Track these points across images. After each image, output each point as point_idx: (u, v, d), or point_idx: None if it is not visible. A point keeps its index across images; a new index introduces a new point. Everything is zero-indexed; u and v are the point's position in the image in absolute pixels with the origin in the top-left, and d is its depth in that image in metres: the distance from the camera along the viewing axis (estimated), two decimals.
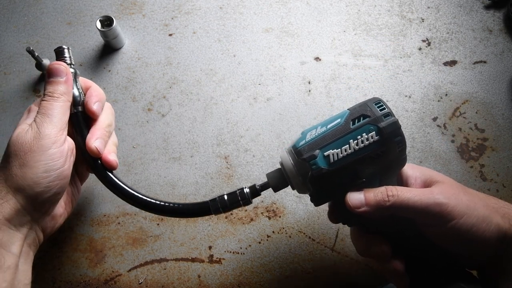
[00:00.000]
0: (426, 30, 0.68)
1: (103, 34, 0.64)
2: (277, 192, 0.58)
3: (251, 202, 0.46)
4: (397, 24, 0.68)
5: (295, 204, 0.58)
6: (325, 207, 0.57)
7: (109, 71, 0.67)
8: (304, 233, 0.56)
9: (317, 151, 0.41)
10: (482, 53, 0.66)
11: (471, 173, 0.59)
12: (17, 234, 0.42)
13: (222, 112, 0.64)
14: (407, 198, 0.39)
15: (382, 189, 0.41)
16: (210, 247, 0.56)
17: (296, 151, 0.42)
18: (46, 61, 0.65)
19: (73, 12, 0.71)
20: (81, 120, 0.48)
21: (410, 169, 0.44)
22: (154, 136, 0.62)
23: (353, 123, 0.41)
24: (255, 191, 0.46)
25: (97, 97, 0.49)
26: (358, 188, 0.42)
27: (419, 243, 0.42)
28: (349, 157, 0.40)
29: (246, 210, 0.58)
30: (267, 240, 0.56)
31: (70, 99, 0.47)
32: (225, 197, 0.45)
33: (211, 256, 0.56)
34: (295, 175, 0.43)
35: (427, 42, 0.67)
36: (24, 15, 0.72)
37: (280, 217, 0.57)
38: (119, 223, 0.57)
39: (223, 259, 0.56)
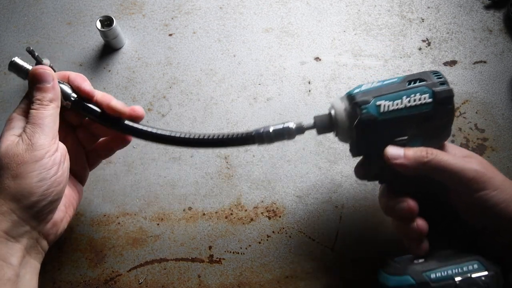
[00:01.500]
0: (426, 30, 0.68)
1: (103, 34, 0.64)
2: (277, 192, 0.58)
3: (294, 137, 0.47)
4: (397, 24, 0.68)
5: (295, 204, 0.58)
6: (325, 205, 0.58)
7: (109, 71, 0.67)
8: (304, 233, 0.56)
9: (371, 98, 0.43)
10: (482, 53, 0.66)
11: None
12: (16, 245, 0.41)
13: (222, 112, 0.64)
14: (445, 159, 0.41)
15: (422, 148, 0.43)
16: (210, 247, 0.56)
17: (350, 97, 0.45)
18: (46, 61, 0.65)
19: (73, 12, 0.71)
20: (83, 103, 0.47)
21: (450, 147, 0.46)
22: None
23: (409, 83, 0.43)
24: (300, 128, 0.47)
25: (82, 79, 0.48)
26: (399, 145, 0.44)
27: (446, 210, 0.43)
28: (399, 112, 0.42)
29: (246, 210, 0.58)
30: (267, 240, 0.56)
31: (59, 104, 0.45)
32: (271, 129, 0.46)
33: (211, 256, 0.56)
34: (343, 119, 0.45)
35: (427, 42, 0.67)
36: (24, 15, 0.72)
37: (280, 217, 0.57)
38: (119, 223, 0.57)
39: (223, 259, 0.56)
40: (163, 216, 0.58)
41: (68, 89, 0.47)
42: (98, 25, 0.63)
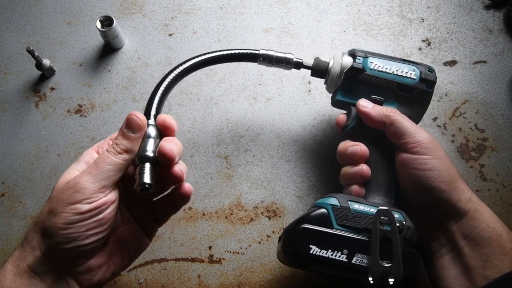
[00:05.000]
0: (426, 30, 0.68)
1: (103, 34, 0.64)
2: (277, 192, 0.58)
3: (290, 69, 0.54)
4: (397, 24, 0.68)
5: (295, 204, 0.58)
6: None
7: (109, 71, 0.67)
8: None
9: (368, 55, 0.51)
10: (482, 53, 0.66)
11: (471, 173, 0.59)
12: (39, 284, 0.39)
13: (222, 112, 0.64)
14: (404, 121, 0.47)
15: (390, 108, 0.49)
16: (210, 247, 0.56)
17: (351, 51, 0.52)
18: (46, 61, 0.65)
19: (73, 12, 0.71)
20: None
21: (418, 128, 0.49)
22: None
23: (404, 60, 0.52)
24: (299, 63, 0.54)
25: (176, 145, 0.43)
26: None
27: (389, 170, 0.48)
28: (386, 75, 0.50)
29: (246, 210, 0.58)
30: (267, 240, 0.56)
31: (133, 156, 0.42)
32: (274, 54, 0.53)
33: (211, 256, 0.56)
34: (336, 64, 0.51)
35: (427, 42, 0.67)
36: (24, 15, 0.72)
37: (280, 217, 0.57)
38: None
39: (223, 259, 0.56)
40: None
41: (150, 153, 0.42)
42: (98, 25, 0.63)
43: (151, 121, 0.45)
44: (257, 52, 0.53)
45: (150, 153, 0.42)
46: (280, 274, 0.54)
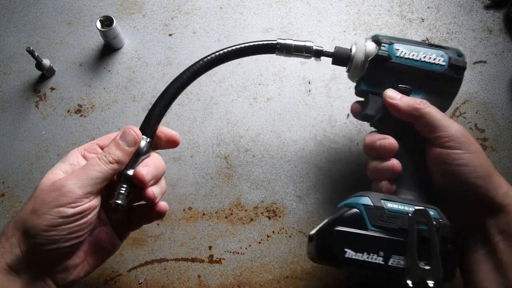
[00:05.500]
0: (426, 30, 0.68)
1: (103, 34, 0.64)
2: (277, 192, 0.58)
3: (310, 57, 0.50)
4: (397, 24, 0.68)
5: (295, 204, 0.58)
6: (325, 205, 0.58)
7: (109, 71, 0.67)
8: (304, 233, 0.56)
9: (393, 41, 0.48)
10: (482, 53, 0.66)
11: None
12: (16, 280, 0.40)
13: (222, 112, 0.64)
14: (434, 112, 0.45)
15: (418, 99, 0.47)
16: (210, 247, 0.56)
17: (375, 37, 0.49)
18: (46, 61, 0.65)
19: (73, 12, 0.71)
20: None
21: (448, 120, 0.47)
22: None
23: (431, 46, 0.48)
24: (320, 51, 0.50)
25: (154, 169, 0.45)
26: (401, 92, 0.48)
27: (420, 163, 0.46)
28: (413, 62, 0.47)
29: (246, 210, 0.58)
30: (267, 240, 0.56)
31: (120, 168, 0.43)
32: (293, 43, 0.49)
33: (211, 256, 0.56)
34: (361, 54, 0.48)
35: (427, 42, 0.67)
36: (24, 15, 0.72)
37: (280, 217, 0.57)
38: None
39: (223, 259, 0.56)
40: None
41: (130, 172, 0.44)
42: (98, 25, 0.63)
43: (145, 137, 0.46)
44: (275, 42, 0.49)
45: (131, 172, 0.44)
46: (280, 274, 0.54)
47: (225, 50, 0.49)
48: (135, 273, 0.55)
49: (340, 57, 0.50)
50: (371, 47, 0.48)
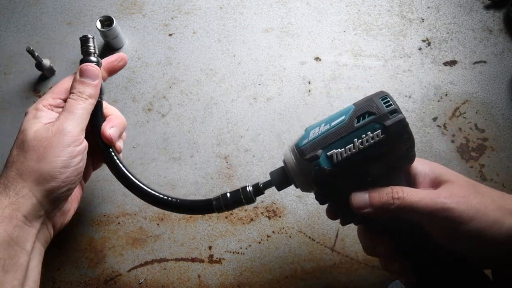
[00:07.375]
0: (426, 30, 0.68)
1: (103, 34, 0.64)
2: (277, 192, 0.58)
3: (254, 201, 0.45)
4: (397, 24, 0.68)
5: (295, 204, 0.58)
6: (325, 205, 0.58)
7: None
8: (304, 233, 0.56)
9: (320, 151, 0.40)
10: (482, 53, 0.66)
11: (471, 173, 0.59)
12: (31, 230, 0.42)
13: (222, 112, 0.64)
14: (412, 202, 0.38)
15: (388, 189, 0.39)
16: (210, 247, 0.56)
17: (299, 150, 0.41)
18: (46, 61, 0.65)
19: (73, 12, 0.71)
20: (100, 108, 0.49)
21: (420, 165, 0.42)
22: (154, 136, 0.62)
23: (358, 121, 0.39)
24: (258, 189, 0.45)
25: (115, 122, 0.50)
26: (364, 187, 0.40)
27: (425, 241, 0.41)
28: (354, 157, 0.39)
29: (246, 210, 0.58)
30: (267, 240, 0.56)
31: (95, 102, 0.47)
32: (228, 195, 0.45)
33: (211, 256, 0.56)
34: (298, 174, 0.42)
35: (427, 42, 0.67)
36: (24, 15, 0.72)
37: (280, 217, 0.57)
38: (119, 223, 0.57)
39: (223, 259, 0.56)
40: (163, 216, 0.58)
41: (102, 90, 0.49)
42: (98, 25, 0.63)
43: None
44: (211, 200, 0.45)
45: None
46: (280, 274, 0.54)
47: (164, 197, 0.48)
48: (135, 273, 0.55)
49: (281, 182, 0.44)
50: (303, 164, 0.41)
